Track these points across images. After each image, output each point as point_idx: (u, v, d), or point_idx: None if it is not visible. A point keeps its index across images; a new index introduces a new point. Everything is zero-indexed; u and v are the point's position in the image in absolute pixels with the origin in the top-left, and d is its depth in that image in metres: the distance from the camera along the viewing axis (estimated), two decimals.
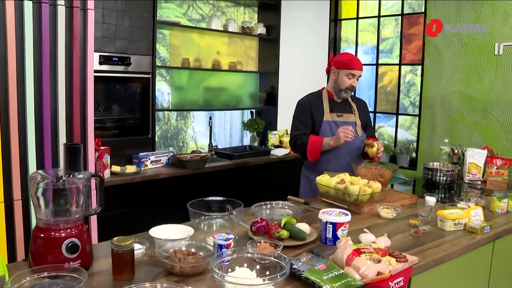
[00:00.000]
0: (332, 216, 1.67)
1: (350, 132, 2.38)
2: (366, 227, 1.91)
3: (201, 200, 1.98)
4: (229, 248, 1.48)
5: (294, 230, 1.69)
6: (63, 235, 1.38)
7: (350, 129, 2.38)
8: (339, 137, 2.40)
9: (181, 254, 1.46)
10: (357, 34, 4.46)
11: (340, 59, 2.57)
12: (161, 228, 1.69)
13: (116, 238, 1.39)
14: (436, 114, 3.75)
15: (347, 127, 2.39)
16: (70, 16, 2.41)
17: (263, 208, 2.12)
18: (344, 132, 2.38)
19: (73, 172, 1.44)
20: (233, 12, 4.17)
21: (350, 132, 2.38)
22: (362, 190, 2.14)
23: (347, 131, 2.38)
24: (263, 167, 3.76)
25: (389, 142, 4.17)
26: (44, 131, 2.36)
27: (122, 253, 1.36)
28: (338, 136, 2.41)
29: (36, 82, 2.28)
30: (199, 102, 3.89)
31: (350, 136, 2.38)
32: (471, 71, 3.52)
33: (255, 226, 1.71)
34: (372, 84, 4.31)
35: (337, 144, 2.44)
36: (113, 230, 2.17)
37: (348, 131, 2.38)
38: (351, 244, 1.45)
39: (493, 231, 1.91)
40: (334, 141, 2.44)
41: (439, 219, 1.94)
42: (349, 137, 2.38)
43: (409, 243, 1.74)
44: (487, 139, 3.43)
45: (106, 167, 2.88)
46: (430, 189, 2.81)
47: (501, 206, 2.22)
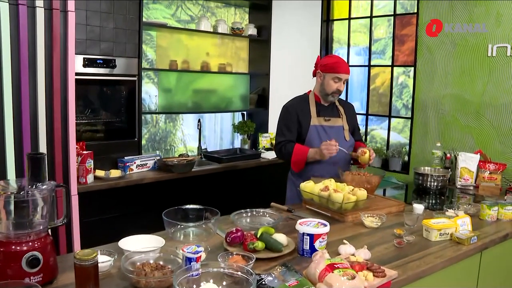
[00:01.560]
0: (309, 227, 1.61)
1: (334, 148, 2.32)
2: (348, 237, 1.85)
3: (177, 208, 1.92)
4: (199, 261, 1.42)
5: (270, 242, 1.63)
6: (24, 249, 1.33)
7: (333, 144, 2.32)
8: (323, 154, 2.35)
9: (149, 267, 1.40)
10: (349, 35, 4.39)
11: (325, 62, 2.50)
12: (132, 238, 1.63)
13: (79, 251, 1.33)
14: (428, 117, 3.68)
15: (330, 142, 2.32)
16: (50, 18, 2.35)
17: (243, 216, 2.06)
18: (328, 150, 2.32)
19: (36, 183, 1.38)
20: (223, 13, 4.10)
21: (333, 148, 2.32)
22: (346, 198, 2.08)
23: (330, 147, 2.31)
24: (252, 171, 3.70)
25: (381, 145, 4.09)
26: (23, 136, 2.30)
27: (85, 267, 1.30)
28: (322, 153, 2.35)
29: (14, 86, 2.22)
30: (188, 105, 3.82)
31: (334, 152, 2.33)
32: (464, 73, 3.45)
33: (230, 237, 1.65)
34: (364, 85, 4.24)
35: (322, 158, 2.39)
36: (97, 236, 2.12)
37: (331, 147, 2.31)
38: (326, 258, 1.39)
39: (480, 242, 1.84)
40: (319, 156, 2.39)
41: (425, 229, 1.88)
42: (333, 153, 2.33)
43: (391, 255, 1.67)
44: (480, 142, 3.35)
45: (89, 171, 2.81)
46: (421, 194, 2.75)
47: (491, 214, 2.15)
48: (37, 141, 2.37)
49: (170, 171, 3.20)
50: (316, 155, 2.40)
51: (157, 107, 3.63)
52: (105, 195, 2.85)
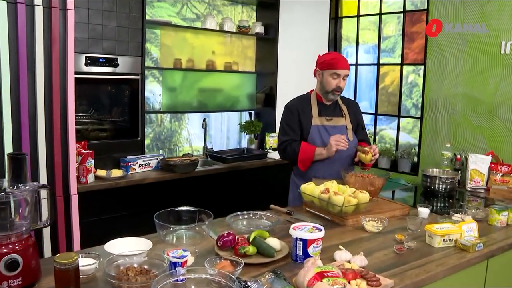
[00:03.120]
0: (303, 232, 1.54)
1: (343, 141, 2.26)
2: (348, 242, 1.77)
3: (170, 210, 1.87)
4: (185, 266, 1.36)
5: (263, 246, 1.56)
6: (4, 251, 1.29)
7: (342, 138, 2.26)
8: (331, 145, 2.28)
9: (133, 272, 1.35)
10: (358, 33, 4.28)
11: (323, 59, 2.44)
12: (120, 241, 1.58)
13: (59, 254, 1.30)
14: (438, 117, 3.55)
15: (339, 135, 2.26)
16: (49, 16, 2.33)
17: (240, 219, 2.00)
18: (336, 141, 2.26)
19: (17, 183, 1.35)
20: (230, 11, 4.05)
21: (342, 140, 2.25)
22: (347, 200, 2.00)
23: (340, 139, 2.25)
24: (257, 171, 3.63)
25: (390, 146, 3.98)
26: (22, 136, 2.29)
27: (65, 271, 1.26)
28: (330, 145, 2.29)
29: (13, 85, 2.22)
30: (193, 104, 3.78)
31: (343, 144, 2.26)
32: (476, 72, 3.31)
33: (221, 241, 1.59)
34: (373, 84, 4.13)
35: (330, 154, 2.32)
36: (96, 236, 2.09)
37: (340, 139, 2.26)
38: (317, 265, 1.31)
39: (486, 249, 1.74)
40: (327, 151, 2.33)
41: (428, 235, 1.79)
42: (342, 146, 2.26)
43: (390, 261, 1.58)
44: (492, 144, 3.22)
45: (89, 171, 2.79)
46: (429, 197, 2.65)
47: (500, 220, 2.04)
48: (36, 141, 2.36)
49: (172, 171, 3.16)
50: (324, 151, 2.34)
51: (161, 106, 3.60)
52: (105, 195, 2.83)
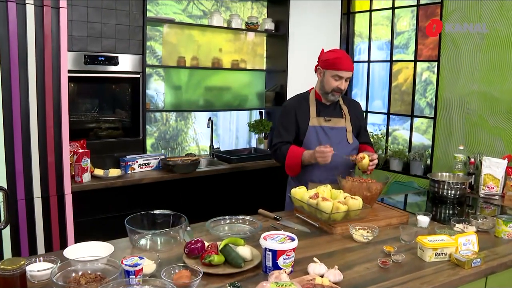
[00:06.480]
0: (272, 242, 1.42)
1: (328, 154, 2.11)
2: (331, 252, 1.66)
3: (146, 213, 1.80)
4: (138, 275, 1.28)
5: (231, 255, 1.46)
6: None
7: (327, 151, 2.11)
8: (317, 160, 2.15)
9: (85, 279, 1.28)
10: (370, 28, 4.08)
11: (326, 57, 2.28)
12: (82, 245, 1.52)
13: (5, 259, 1.25)
14: (453, 117, 3.32)
15: (324, 150, 2.11)
16: (41, 15, 2.32)
17: (221, 224, 1.91)
18: (322, 157, 2.12)
19: None
20: (239, 7, 3.95)
21: (328, 154, 2.11)
22: (335, 207, 1.87)
23: (324, 154, 2.11)
24: (262, 172, 3.52)
25: (403, 147, 3.77)
26: (14, 136, 2.28)
27: (9, 278, 1.21)
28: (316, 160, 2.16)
29: (4, 84, 2.20)
30: (199, 102, 3.71)
31: (328, 159, 2.12)
32: (493, 68, 3.06)
33: (188, 248, 1.50)
34: (386, 82, 3.92)
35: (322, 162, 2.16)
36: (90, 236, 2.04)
37: (325, 154, 2.11)
38: (280, 279, 1.20)
39: (485, 265, 1.57)
40: (314, 160, 2.19)
41: (419, 247, 1.63)
42: (328, 160, 2.12)
43: (370, 277, 1.44)
44: (510, 146, 2.97)
45: (85, 170, 2.76)
46: (437, 204, 2.47)
47: (507, 232, 1.85)
48: (28, 140, 2.34)
49: (172, 171, 3.10)
50: (311, 159, 2.20)
51: (164, 104, 3.55)
52: (100, 195, 2.79)
